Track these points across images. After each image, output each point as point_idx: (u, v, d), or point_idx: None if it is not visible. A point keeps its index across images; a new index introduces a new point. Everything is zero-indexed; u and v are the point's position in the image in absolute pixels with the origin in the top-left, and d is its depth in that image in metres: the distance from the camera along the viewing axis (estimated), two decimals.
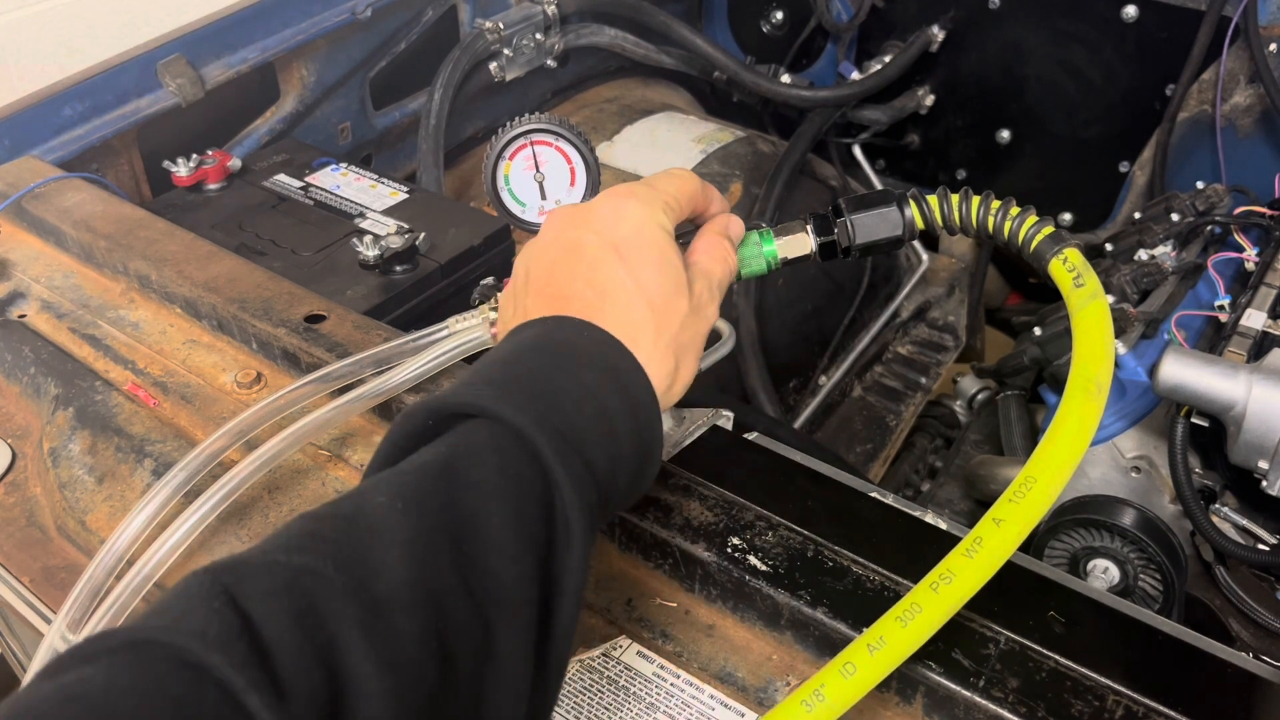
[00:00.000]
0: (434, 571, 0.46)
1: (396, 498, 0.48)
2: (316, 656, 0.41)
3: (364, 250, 1.08)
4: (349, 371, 0.77)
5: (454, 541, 0.48)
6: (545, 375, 0.55)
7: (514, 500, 0.50)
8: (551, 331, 0.58)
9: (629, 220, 0.61)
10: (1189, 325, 1.14)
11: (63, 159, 1.16)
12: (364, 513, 0.48)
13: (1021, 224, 0.69)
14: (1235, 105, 1.57)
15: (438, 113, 1.44)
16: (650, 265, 0.60)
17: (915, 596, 0.55)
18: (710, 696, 0.62)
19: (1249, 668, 0.60)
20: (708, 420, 0.79)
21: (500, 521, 0.49)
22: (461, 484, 0.50)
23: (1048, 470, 0.58)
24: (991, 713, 0.56)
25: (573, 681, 0.63)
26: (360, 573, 0.45)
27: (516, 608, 0.48)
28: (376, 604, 0.44)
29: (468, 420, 0.53)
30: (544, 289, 0.61)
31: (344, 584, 0.44)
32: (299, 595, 0.43)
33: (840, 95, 1.72)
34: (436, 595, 0.46)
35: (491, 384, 0.54)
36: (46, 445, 0.83)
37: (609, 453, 0.54)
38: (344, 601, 0.43)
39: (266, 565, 0.44)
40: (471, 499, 0.49)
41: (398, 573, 0.45)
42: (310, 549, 0.45)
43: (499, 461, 0.51)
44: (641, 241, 0.60)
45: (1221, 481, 1.01)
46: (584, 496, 0.52)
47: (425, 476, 0.50)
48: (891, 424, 1.66)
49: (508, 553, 0.48)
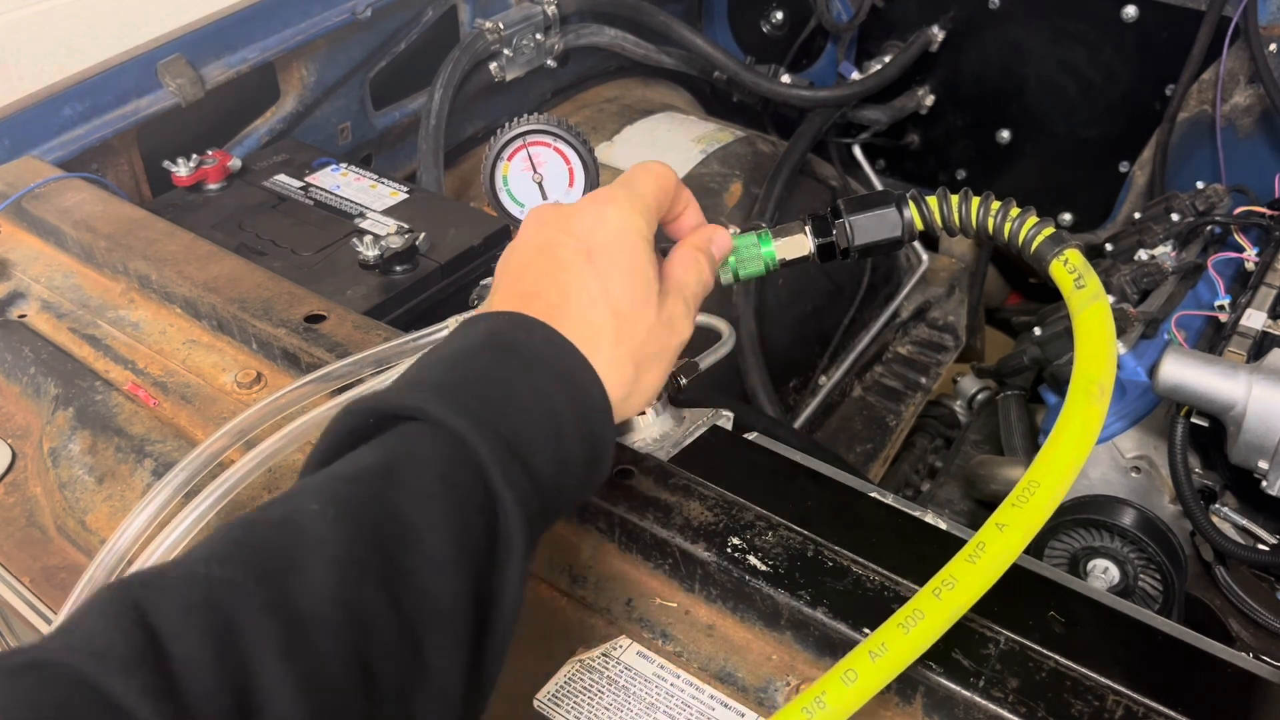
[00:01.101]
0: (362, 587, 0.45)
1: (328, 504, 0.47)
2: (228, 677, 0.40)
3: (364, 250, 1.08)
4: (349, 371, 0.77)
5: (386, 554, 0.46)
6: (492, 376, 0.54)
7: (452, 510, 0.48)
8: (505, 329, 0.57)
9: (607, 225, 0.60)
10: (1189, 325, 1.14)
11: (63, 159, 1.16)
12: (293, 520, 0.46)
13: (1022, 225, 0.68)
14: (1235, 105, 1.57)
15: (438, 113, 1.44)
16: (620, 272, 0.59)
17: (918, 603, 0.55)
18: (710, 696, 0.62)
19: (1249, 668, 0.60)
20: (708, 420, 0.79)
21: (437, 532, 0.47)
22: (398, 492, 0.48)
23: (1051, 474, 0.57)
24: (991, 713, 0.56)
25: (573, 681, 0.63)
26: (283, 587, 0.43)
27: (451, 622, 0.47)
28: (298, 621, 0.42)
29: (409, 423, 0.51)
30: (513, 286, 0.60)
31: (264, 599, 0.42)
32: (215, 611, 0.41)
33: (840, 95, 1.72)
34: (363, 612, 0.44)
35: (435, 385, 0.53)
36: (46, 445, 0.83)
37: (555, 458, 0.53)
38: (263, 618, 0.42)
39: (183, 578, 0.43)
40: (408, 508, 0.48)
41: (323, 588, 0.44)
42: (233, 559, 0.44)
43: (438, 469, 0.49)
44: (615, 248, 0.59)
45: (1221, 481, 1.01)
46: (525, 505, 0.51)
47: (360, 483, 0.49)
48: (891, 424, 1.66)
49: (444, 565, 0.47)
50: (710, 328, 0.90)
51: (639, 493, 0.68)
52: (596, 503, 0.68)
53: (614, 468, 0.70)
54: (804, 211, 0.74)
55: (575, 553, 0.70)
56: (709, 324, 0.90)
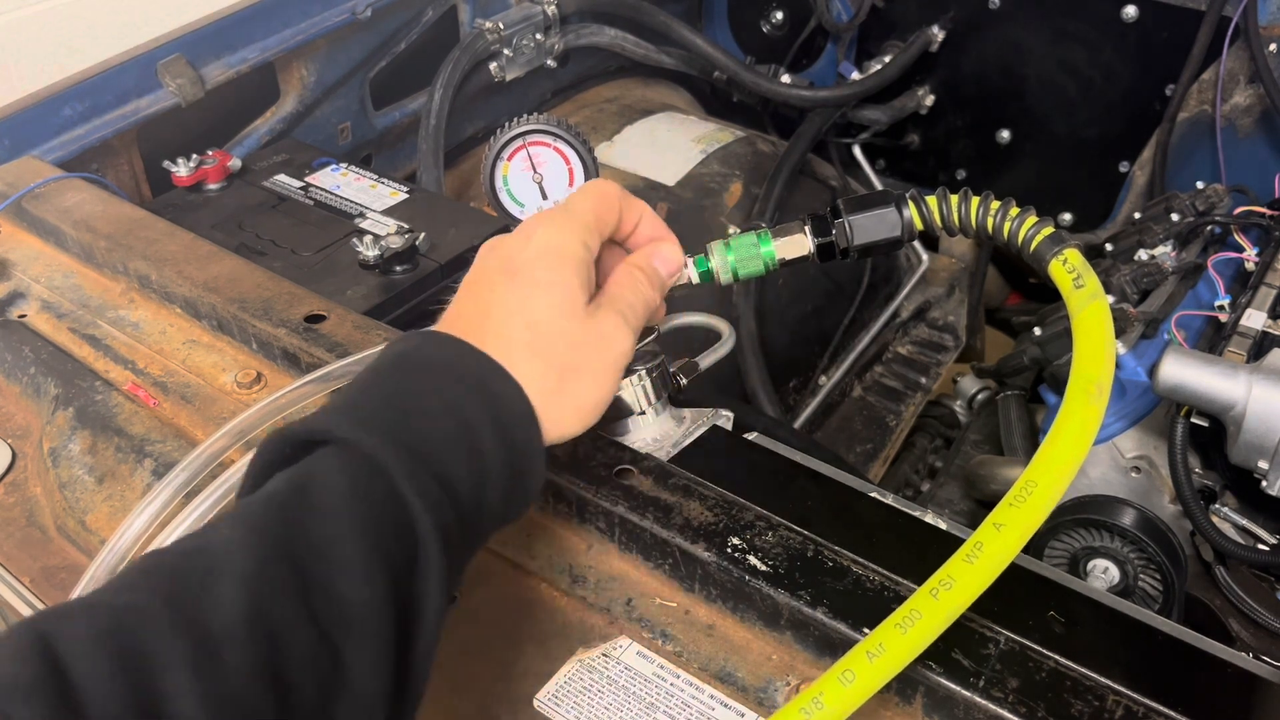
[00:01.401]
0: (274, 601, 0.45)
1: (238, 528, 0.48)
2: (134, 701, 0.40)
3: (364, 250, 1.08)
4: (349, 371, 0.76)
5: (298, 568, 0.47)
6: (401, 392, 0.55)
7: (364, 521, 0.49)
8: (417, 348, 0.58)
9: (531, 243, 0.61)
10: (1189, 325, 1.14)
11: (63, 159, 1.16)
12: (202, 547, 0.47)
13: (1021, 225, 0.68)
14: (1235, 105, 1.57)
15: (438, 113, 1.44)
16: (539, 286, 0.60)
17: (915, 603, 0.55)
18: (710, 696, 0.62)
19: (1249, 668, 0.60)
20: (708, 420, 0.79)
21: (350, 543, 0.48)
22: (309, 509, 0.49)
23: (1048, 474, 0.57)
24: (991, 713, 0.56)
25: (573, 681, 0.63)
26: (192, 608, 0.44)
27: (371, 630, 0.47)
28: (207, 639, 0.43)
29: (320, 446, 0.52)
30: (448, 312, 0.62)
31: (172, 620, 0.43)
32: (121, 635, 0.42)
33: (840, 95, 1.72)
34: (276, 625, 0.45)
35: (344, 408, 0.54)
36: (46, 445, 0.83)
37: (472, 466, 0.54)
38: (171, 639, 0.42)
39: (90, 607, 0.43)
40: (319, 523, 0.48)
41: (233, 605, 0.44)
42: (140, 586, 0.44)
43: (347, 483, 0.50)
44: (537, 263, 0.60)
45: (1221, 481, 1.01)
46: (438, 512, 0.51)
47: (271, 505, 0.49)
48: (891, 424, 1.66)
49: (358, 575, 0.47)
50: (710, 328, 0.90)
51: (639, 493, 0.68)
52: (596, 502, 0.68)
53: (614, 468, 0.70)
54: (804, 211, 0.74)
55: (575, 553, 0.70)
56: (709, 324, 0.91)
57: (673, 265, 0.69)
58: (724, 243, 0.72)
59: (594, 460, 0.71)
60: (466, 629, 0.66)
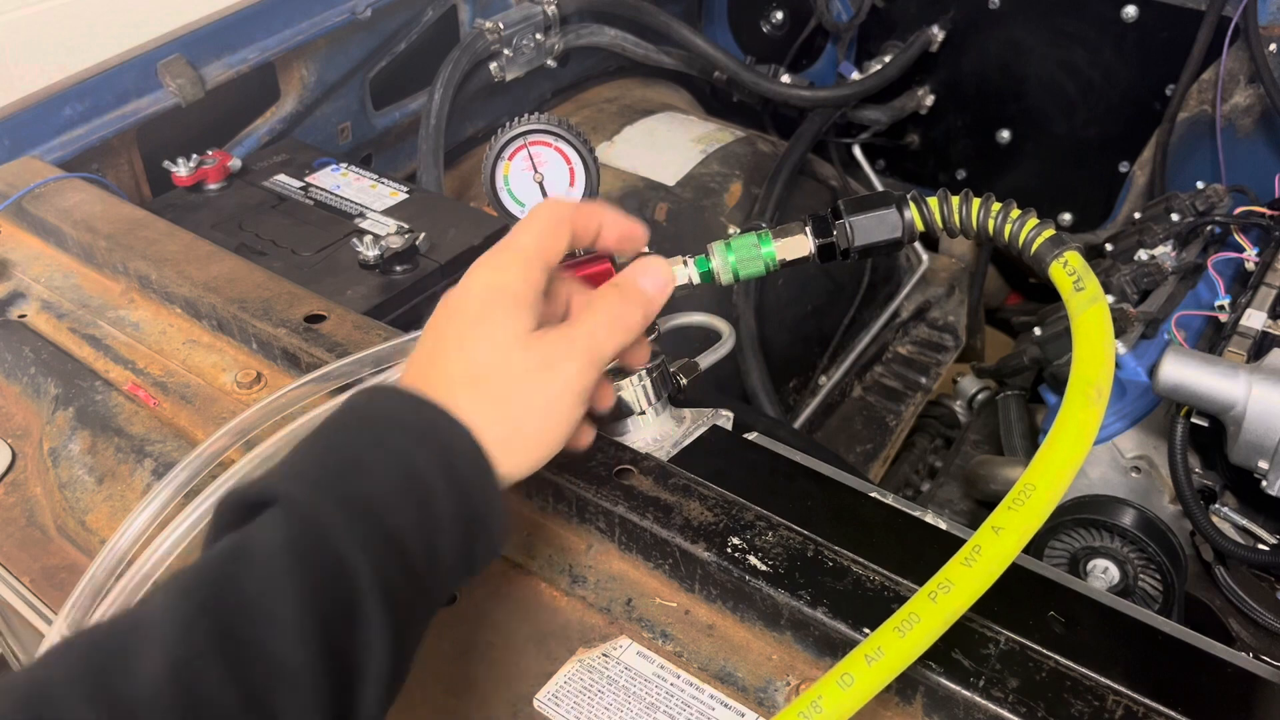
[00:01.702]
0: (198, 664, 0.45)
1: (170, 593, 0.47)
2: None
3: (364, 250, 1.08)
4: (349, 371, 0.77)
5: (226, 628, 0.46)
6: (343, 446, 0.55)
7: (299, 578, 0.48)
8: (361, 404, 0.58)
9: (472, 284, 0.61)
10: (1189, 325, 1.14)
11: (63, 159, 1.16)
12: (130, 614, 0.47)
13: (1022, 227, 0.68)
14: (1235, 105, 1.57)
15: (438, 113, 1.44)
16: (477, 324, 0.59)
17: (913, 606, 0.55)
18: (710, 696, 0.62)
19: (1249, 668, 0.60)
20: (708, 420, 0.79)
21: (283, 602, 0.47)
22: (243, 568, 0.48)
23: (1047, 477, 0.57)
24: (991, 713, 0.56)
25: (573, 681, 0.63)
26: (108, 676, 0.43)
27: (305, 687, 0.46)
28: (123, 707, 0.42)
29: (263, 508, 0.52)
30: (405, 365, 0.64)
31: (87, 692, 0.43)
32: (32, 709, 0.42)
33: (840, 95, 1.72)
34: (200, 687, 0.44)
35: (285, 468, 0.54)
36: (46, 445, 0.83)
37: (421, 517, 0.53)
38: (85, 711, 0.42)
39: (8, 686, 0.43)
40: (252, 582, 0.48)
41: (154, 670, 0.44)
42: (60, 661, 0.44)
43: (282, 541, 0.49)
44: (475, 303, 0.60)
45: (1221, 481, 1.01)
46: (383, 568, 0.50)
47: (206, 568, 0.49)
48: (891, 424, 1.66)
49: (290, 635, 0.46)
50: (710, 328, 0.90)
51: (639, 493, 0.68)
52: (596, 502, 0.68)
53: (614, 468, 0.70)
54: (804, 211, 0.74)
55: (575, 553, 0.70)
56: (709, 324, 0.91)
57: (660, 278, 0.66)
58: (725, 243, 0.72)
59: (594, 460, 0.71)
60: (466, 629, 0.66)
